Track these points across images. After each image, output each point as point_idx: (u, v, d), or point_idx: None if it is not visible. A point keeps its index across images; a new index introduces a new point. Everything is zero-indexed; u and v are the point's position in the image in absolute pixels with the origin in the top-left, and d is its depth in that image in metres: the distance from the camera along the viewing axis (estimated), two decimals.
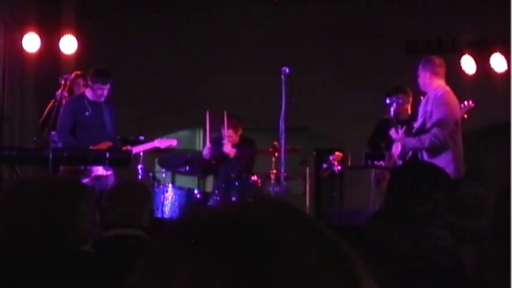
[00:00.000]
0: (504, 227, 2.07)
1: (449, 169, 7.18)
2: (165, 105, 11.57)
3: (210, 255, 0.85)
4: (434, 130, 7.26)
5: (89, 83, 7.95)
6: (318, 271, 0.85)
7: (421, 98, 7.74)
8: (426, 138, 7.29)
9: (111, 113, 8.02)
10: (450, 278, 2.67)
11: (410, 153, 7.58)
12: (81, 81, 8.33)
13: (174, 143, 8.54)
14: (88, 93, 7.98)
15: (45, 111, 8.39)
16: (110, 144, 7.85)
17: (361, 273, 0.88)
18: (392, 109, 8.22)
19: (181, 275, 0.85)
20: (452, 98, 7.45)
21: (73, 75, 8.32)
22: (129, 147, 8.03)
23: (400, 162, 7.64)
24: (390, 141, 7.91)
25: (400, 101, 8.38)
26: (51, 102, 8.33)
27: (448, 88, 7.46)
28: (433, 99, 7.37)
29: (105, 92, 7.91)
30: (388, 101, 8.37)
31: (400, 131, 7.51)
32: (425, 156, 7.39)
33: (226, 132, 8.90)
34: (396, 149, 7.77)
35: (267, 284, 0.83)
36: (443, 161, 7.11)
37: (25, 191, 2.54)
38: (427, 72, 7.45)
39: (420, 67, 7.47)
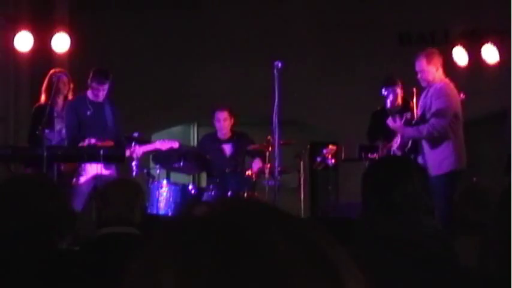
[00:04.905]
0: (506, 223, 2.12)
1: (450, 160, 7.22)
2: (158, 100, 11.57)
3: (196, 254, 0.88)
4: (432, 120, 7.29)
5: (88, 82, 8.05)
6: (298, 271, 0.87)
7: (413, 90, 7.73)
8: (424, 128, 7.31)
9: (113, 113, 8.11)
10: (440, 263, 2.70)
11: (409, 143, 7.60)
12: (64, 77, 8.30)
13: (175, 145, 8.54)
14: (89, 93, 8.08)
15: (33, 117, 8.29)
16: (112, 144, 7.90)
17: (346, 275, 0.89)
18: (389, 100, 8.27)
19: (168, 274, 0.87)
20: (452, 89, 7.45)
21: (54, 73, 8.29)
22: (135, 146, 8.10)
23: (399, 153, 7.66)
24: (388, 132, 7.93)
25: (398, 91, 8.43)
26: (37, 106, 8.28)
27: (447, 80, 7.47)
28: (433, 91, 7.37)
29: (103, 93, 8.02)
30: (384, 91, 8.42)
31: (398, 120, 7.53)
32: (426, 147, 7.39)
33: (222, 115, 8.90)
34: (396, 140, 7.79)
35: (247, 282, 0.85)
36: (444, 152, 7.15)
37: None
38: (436, 66, 7.40)
39: (424, 61, 7.34)
